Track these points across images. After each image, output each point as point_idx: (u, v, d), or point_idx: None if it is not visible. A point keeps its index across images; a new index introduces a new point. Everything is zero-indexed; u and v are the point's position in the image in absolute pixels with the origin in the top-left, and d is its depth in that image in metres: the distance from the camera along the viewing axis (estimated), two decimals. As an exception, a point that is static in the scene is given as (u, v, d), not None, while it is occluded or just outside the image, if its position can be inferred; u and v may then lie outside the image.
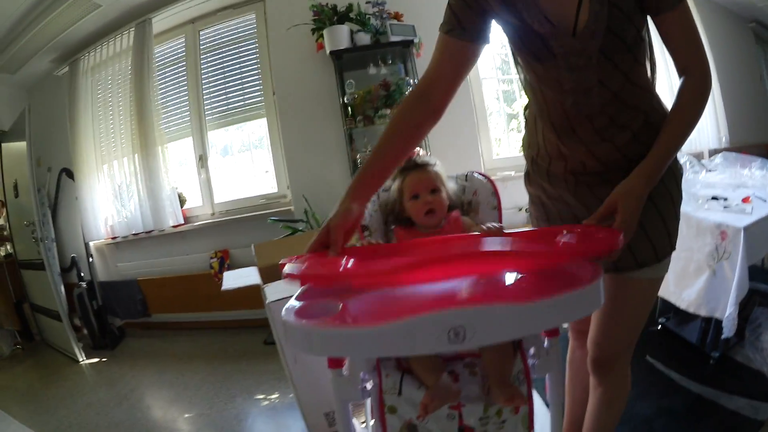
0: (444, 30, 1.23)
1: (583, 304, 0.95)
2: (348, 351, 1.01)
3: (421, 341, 0.85)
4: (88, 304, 4.31)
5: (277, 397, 2.88)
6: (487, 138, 4.10)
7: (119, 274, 4.66)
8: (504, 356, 1.25)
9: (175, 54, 4.48)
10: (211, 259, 4.21)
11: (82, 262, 4.55)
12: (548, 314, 0.90)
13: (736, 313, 2.22)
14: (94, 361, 4.04)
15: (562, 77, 1.21)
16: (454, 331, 0.83)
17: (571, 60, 1.17)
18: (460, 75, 1.28)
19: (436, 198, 1.59)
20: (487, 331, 0.86)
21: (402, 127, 1.28)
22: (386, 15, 3.63)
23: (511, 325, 0.88)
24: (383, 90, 3.60)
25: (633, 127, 1.24)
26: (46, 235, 4.16)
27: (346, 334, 0.89)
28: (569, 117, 1.26)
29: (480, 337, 0.85)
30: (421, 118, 1.28)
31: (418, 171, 1.61)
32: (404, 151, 1.31)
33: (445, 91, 1.27)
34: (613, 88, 1.19)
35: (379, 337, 0.86)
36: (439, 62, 1.26)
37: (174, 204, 4.26)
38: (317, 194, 3.71)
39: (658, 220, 1.27)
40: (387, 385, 1.25)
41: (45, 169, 4.67)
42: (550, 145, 1.35)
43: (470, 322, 0.84)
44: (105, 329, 4.39)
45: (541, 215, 1.52)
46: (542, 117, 1.34)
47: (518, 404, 1.18)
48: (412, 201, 1.60)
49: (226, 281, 2.30)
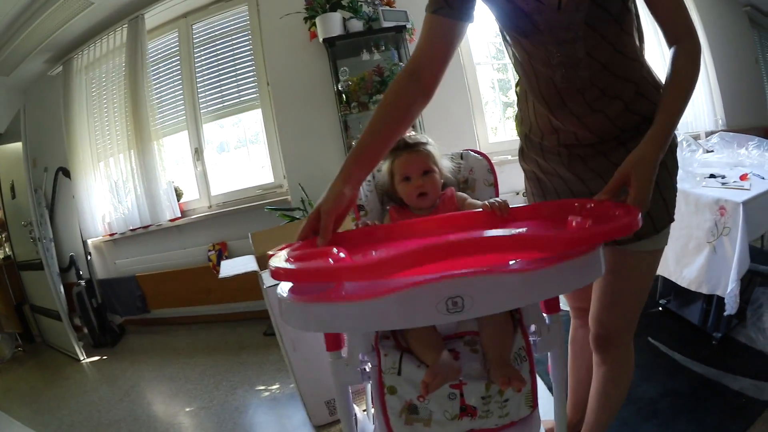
0: (431, 10, 1.22)
1: (583, 272, 0.93)
2: (345, 326, 0.99)
3: (420, 312, 0.84)
4: (87, 302, 4.30)
5: (278, 387, 2.87)
6: (482, 123, 4.08)
7: (118, 271, 4.65)
8: (503, 333, 1.23)
9: (169, 49, 4.45)
10: (209, 251, 4.20)
11: (81, 261, 4.54)
12: (548, 282, 0.88)
13: (738, 289, 2.20)
14: (95, 359, 4.04)
15: (550, 52, 1.20)
16: (452, 301, 0.82)
17: (557, 34, 1.16)
18: (448, 54, 1.26)
19: (428, 180, 1.54)
20: (485, 300, 0.84)
21: (394, 108, 1.25)
22: (378, 1, 3.62)
23: (510, 294, 0.86)
24: (377, 76, 3.59)
25: (624, 98, 1.23)
26: (44, 234, 4.15)
27: (343, 309, 0.88)
28: (560, 91, 1.25)
29: (479, 306, 0.84)
30: (412, 98, 1.25)
31: (408, 152, 1.56)
32: (397, 132, 1.26)
33: (435, 70, 1.25)
34: (601, 60, 1.18)
35: (377, 309, 0.85)
36: (427, 41, 1.25)
37: (171, 198, 4.26)
38: (313, 182, 3.69)
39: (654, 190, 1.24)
40: (386, 365, 1.22)
41: (41, 169, 4.66)
42: (541, 119, 1.35)
43: (468, 291, 0.82)
44: (105, 327, 4.38)
45: (537, 191, 1.51)
46: (533, 92, 1.32)
47: (517, 386, 1.14)
48: (404, 183, 1.55)
49: (224, 269, 2.29)
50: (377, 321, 0.90)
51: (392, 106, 1.25)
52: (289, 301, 0.93)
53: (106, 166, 4.48)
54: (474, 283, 0.83)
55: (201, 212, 4.38)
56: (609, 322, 1.43)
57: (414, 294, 0.82)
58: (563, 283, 0.94)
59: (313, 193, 3.61)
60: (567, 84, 1.22)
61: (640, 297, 1.40)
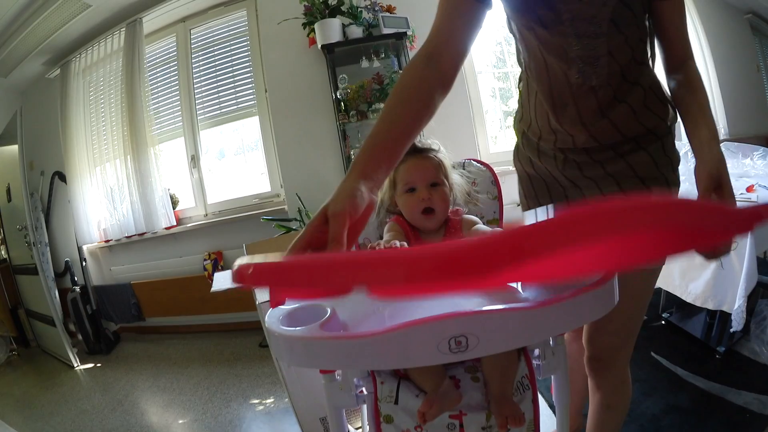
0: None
1: (596, 306, 0.85)
2: (338, 364, 0.92)
3: (420, 352, 0.76)
4: (82, 308, 4.27)
5: (273, 401, 2.83)
6: (483, 132, 4.04)
7: (113, 277, 4.62)
8: (506, 361, 1.17)
9: (167, 54, 4.42)
10: (204, 261, 4.16)
11: (76, 267, 4.51)
12: (559, 319, 0.81)
13: (745, 305, 2.17)
14: (89, 366, 4.01)
15: (568, 44, 1.12)
16: (456, 340, 0.75)
17: (579, 26, 1.09)
18: (469, 37, 1.10)
19: (437, 194, 1.31)
20: (492, 340, 0.77)
21: (413, 93, 1.01)
22: (378, 7, 3.57)
23: (518, 332, 0.79)
24: (376, 84, 3.53)
25: (633, 104, 1.17)
26: (39, 239, 4.13)
27: (336, 346, 0.79)
28: (572, 87, 1.17)
29: (484, 345, 0.76)
30: (431, 86, 1.03)
31: (416, 157, 1.34)
32: (418, 123, 0.99)
33: (454, 54, 1.08)
34: (620, 61, 1.13)
35: (374, 347, 0.76)
36: (445, 21, 1.09)
37: (166, 205, 4.21)
38: (311, 192, 3.64)
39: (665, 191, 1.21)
40: (383, 393, 1.17)
41: (38, 172, 4.64)
42: (541, 118, 1.27)
43: (473, 329, 0.75)
44: (100, 334, 4.34)
45: (530, 192, 1.43)
46: (541, 87, 1.23)
47: (516, 425, 1.08)
48: (407, 195, 1.33)
49: (217, 282, 2.24)
50: (373, 360, 0.81)
51: (410, 92, 1.02)
52: (277, 332, 0.84)
53: (102, 171, 4.44)
54: (479, 321, 0.76)
55: (197, 220, 4.34)
56: (603, 342, 1.36)
57: (414, 333, 0.75)
58: (575, 318, 0.87)
59: (311, 204, 3.57)
60: (582, 80, 1.15)
61: (635, 317, 1.33)
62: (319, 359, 0.85)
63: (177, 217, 4.32)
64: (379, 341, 0.76)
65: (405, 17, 3.59)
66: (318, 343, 0.81)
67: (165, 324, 4.49)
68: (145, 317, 4.52)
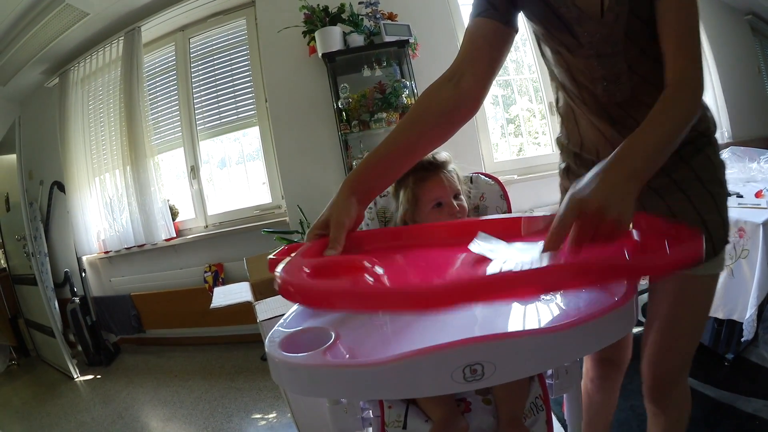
0: (475, 13, 1.11)
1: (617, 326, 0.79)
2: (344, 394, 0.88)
3: (433, 381, 0.71)
4: (81, 319, 4.24)
5: (275, 416, 2.79)
6: (487, 140, 4.01)
7: (113, 289, 4.58)
8: (518, 383, 1.14)
9: (166, 63, 4.39)
10: (205, 273, 4.12)
11: (76, 277, 4.48)
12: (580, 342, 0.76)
13: (756, 314, 2.14)
14: (89, 378, 3.98)
15: (590, 65, 1.12)
16: (471, 369, 0.70)
17: (598, 47, 1.09)
18: (494, 59, 1.11)
19: (460, 204, 1.39)
20: (509, 367, 0.72)
21: (424, 112, 1.06)
22: (380, 15, 3.53)
23: (537, 358, 0.75)
24: (378, 93, 3.50)
25: None
26: (38, 249, 4.11)
27: (342, 375, 0.74)
28: (603, 104, 1.16)
29: (501, 373, 0.71)
30: (447, 104, 1.06)
31: (438, 173, 1.38)
32: (424, 146, 1.08)
33: (478, 74, 1.08)
34: (640, 72, 1.10)
35: (382, 377, 0.72)
36: (470, 44, 1.10)
37: (166, 217, 4.18)
38: (312, 204, 3.60)
39: (712, 205, 1.15)
40: (390, 418, 1.14)
41: (37, 182, 4.62)
42: (594, 134, 1.24)
43: (489, 357, 0.70)
44: (99, 345, 4.31)
45: None
46: (580, 107, 1.23)
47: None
48: (436, 210, 1.37)
49: (216, 299, 2.21)
50: (382, 390, 0.76)
51: (420, 113, 1.07)
52: (277, 359, 0.79)
53: (101, 181, 4.42)
54: (497, 348, 0.71)
55: (197, 232, 4.30)
56: (668, 365, 1.26)
57: (426, 361, 0.70)
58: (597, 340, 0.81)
59: (312, 215, 3.50)
60: (608, 98, 1.14)
61: (701, 329, 1.26)
62: (323, 388, 0.79)
63: (177, 228, 4.28)
64: (388, 370, 0.71)
65: (407, 25, 3.55)
66: (323, 372, 0.76)
67: (165, 336, 4.46)
68: (145, 329, 4.49)
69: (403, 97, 3.42)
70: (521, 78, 4.32)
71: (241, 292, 2.23)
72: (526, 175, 3.91)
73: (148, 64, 4.35)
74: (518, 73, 4.32)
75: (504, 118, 4.34)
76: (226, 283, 3.90)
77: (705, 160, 1.17)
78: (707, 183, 1.15)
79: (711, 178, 1.16)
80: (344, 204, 0.98)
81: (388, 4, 3.61)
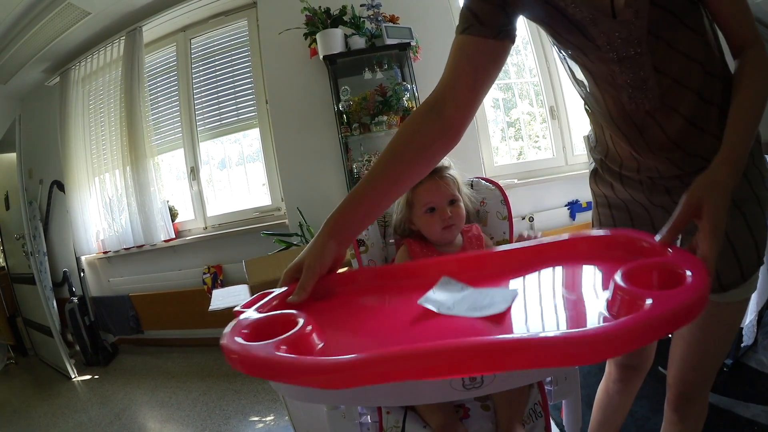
0: (459, 30, 1.03)
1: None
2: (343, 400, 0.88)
3: (432, 389, 0.72)
4: (79, 319, 4.23)
5: (273, 419, 2.78)
6: (487, 145, 3.99)
7: (112, 289, 4.57)
8: (517, 390, 1.14)
9: (167, 63, 4.39)
10: (204, 274, 4.11)
11: (74, 277, 4.48)
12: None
13: (757, 319, 2.13)
14: (87, 378, 3.97)
15: (612, 70, 1.02)
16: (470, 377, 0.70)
17: (618, 49, 0.99)
18: (480, 82, 1.04)
19: (455, 210, 1.38)
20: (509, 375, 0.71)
21: (405, 147, 1.03)
22: (381, 18, 3.51)
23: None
24: (379, 96, 3.49)
25: (710, 127, 1.02)
26: (37, 249, 4.10)
27: None
28: (630, 115, 1.06)
29: (501, 381, 0.71)
30: (430, 136, 1.03)
31: (433, 178, 1.37)
32: (406, 178, 1.04)
33: (460, 101, 1.03)
34: (671, 73, 0.99)
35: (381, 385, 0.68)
36: (453, 67, 1.03)
37: (165, 218, 4.17)
38: (312, 206, 3.59)
39: (744, 228, 1.05)
40: (388, 424, 1.14)
41: (36, 181, 4.61)
42: (618, 146, 1.17)
43: None
44: (98, 345, 4.30)
45: (608, 220, 1.33)
46: (604, 118, 1.14)
47: None
48: (428, 215, 1.38)
49: (214, 301, 2.20)
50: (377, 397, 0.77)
51: (403, 146, 1.03)
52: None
53: (101, 181, 4.41)
54: None
55: (196, 233, 4.29)
56: (694, 380, 1.25)
57: None
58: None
59: (311, 218, 3.52)
60: (635, 106, 1.04)
61: (726, 349, 1.22)
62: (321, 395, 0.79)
63: (176, 229, 4.27)
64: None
65: (409, 27, 3.54)
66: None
67: (164, 337, 4.45)
68: (143, 330, 4.48)
69: (404, 100, 3.41)
70: (522, 81, 4.30)
71: (240, 295, 2.22)
72: (526, 179, 3.89)
73: (149, 65, 4.34)
74: (519, 77, 4.31)
75: (504, 122, 4.32)
76: (225, 285, 3.90)
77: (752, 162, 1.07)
78: (740, 203, 1.05)
79: (745, 197, 1.06)
80: (320, 249, 0.97)
81: (389, 7, 3.60)
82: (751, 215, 1.05)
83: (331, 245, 0.98)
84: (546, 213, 3.89)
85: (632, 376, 1.49)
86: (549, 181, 3.89)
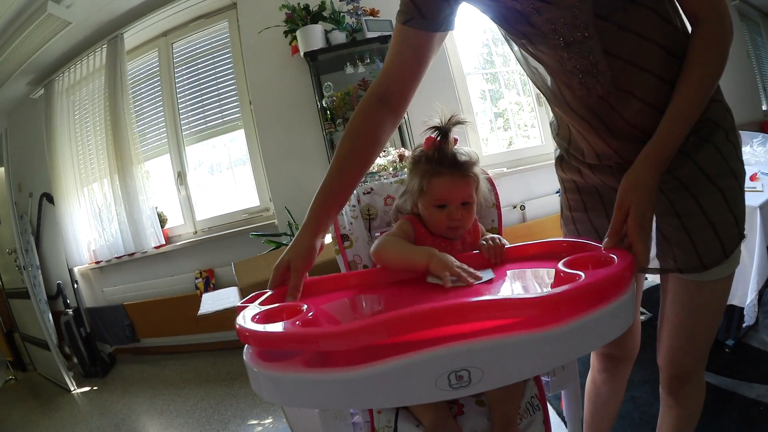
0: (401, 20, 1.07)
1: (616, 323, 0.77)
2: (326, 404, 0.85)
3: (416, 389, 0.69)
4: (75, 331, 4.20)
5: (271, 422, 2.76)
6: (475, 135, 3.97)
7: (105, 299, 4.56)
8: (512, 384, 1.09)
9: (150, 69, 4.37)
10: (196, 279, 4.09)
11: (68, 289, 4.45)
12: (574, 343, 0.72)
13: (757, 299, 2.11)
14: (86, 389, 3.95)
15: (560, 57, 1.01)
16: (457, 375, 0.67)
17: (564, 35, 0.97)
18: (421, 71, 1.12)
19: (466, 213, 1.28)
20: (498, 373, 0.69)
21: (363, 136, 1.12)
22: (361, 11, 3.50)
23: (528, 362, 0.71)
24: (362, 90, 3.46)
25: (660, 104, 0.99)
26: (29, 262, 4.08)
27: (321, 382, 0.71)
28: (583, 101, 1.05)
29: (489, 379, 0.69)
30: (383, 125, 1.13)
31: (453, 174, 1.26)
32: (366, 165, 1.14)
33: (405, 90, 1.13)
34: (624, 56, 0.97)
35: (361, 384, 0.69)
36: (397, 59, 1.11)
37: (154, 224, 4.15)
38: (300, 205, 3.53)
39: (722, 204, 1.04)
40: (380, 423, 1.11)
41: (26, 194, 4.58)
42: (580, 137, 1.15)
43: (476, 362, 0.67)
44: (95, 357, 4.28)
45: (577, 204, 1.31)
46: (562, 107, 1.12)
47: None
48: (436, 210, 1.27)
49: (204, 305, 2.18)
50: (361, 399, 0.73)
51: (361, 135, 1.13)
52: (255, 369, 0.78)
53: (89, 191, 4.39)
54: (483, 353, 0.68)
55: (186, 238, 4.28)
56: (685, 361, 1.22)
57: (408, 367, 0.67)
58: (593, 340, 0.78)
59: (300, 217, 3.46)
60: (587, 92, 1.02)
61: (715, 327, 1.20)
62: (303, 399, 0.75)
63: (166, 235, 4.26)
64: (369, 379, 0.68)
65: (389, 20, 3.51)
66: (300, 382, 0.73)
67: (160, 344, 4.43)
68: (139, 338, 4.46)
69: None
70: (508, 71, 4.28)
71: (230, 297, 2.19)
72: (515, 167, 3.88)
73: (132, 71, 4.32)
74: (505, 66, 4.28)
75: (492, 113, 4.31)
76: (217, 289, 3.87)
77: (711, 152, 1.04)
78: (716, 178, 1.04)
79: (720, 171, 1.04)
80: (308, 251, 1.06)
81: (369, 0, 3.58)
82: (728, 190, 1.04)
83: (316, 243, 1.07)
84: (537, 201, 3.89)
85: (617, 366, 1.47)
86: (538, 169, 3.88)
